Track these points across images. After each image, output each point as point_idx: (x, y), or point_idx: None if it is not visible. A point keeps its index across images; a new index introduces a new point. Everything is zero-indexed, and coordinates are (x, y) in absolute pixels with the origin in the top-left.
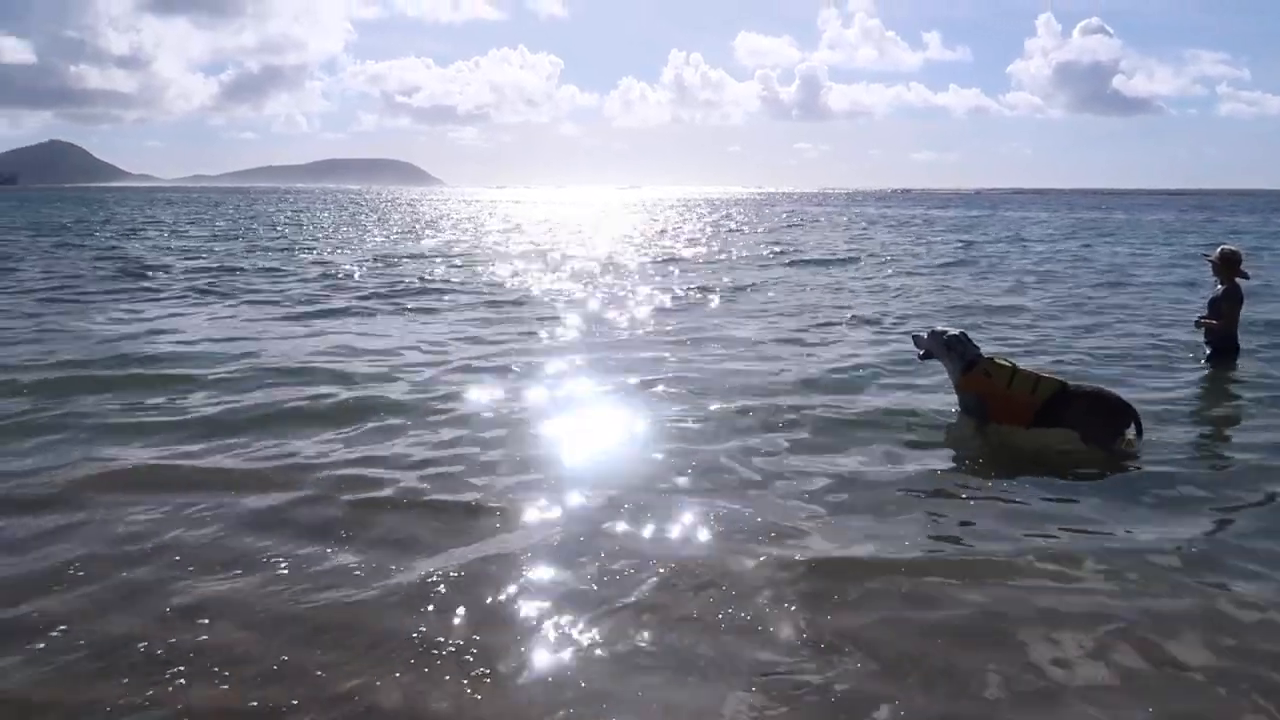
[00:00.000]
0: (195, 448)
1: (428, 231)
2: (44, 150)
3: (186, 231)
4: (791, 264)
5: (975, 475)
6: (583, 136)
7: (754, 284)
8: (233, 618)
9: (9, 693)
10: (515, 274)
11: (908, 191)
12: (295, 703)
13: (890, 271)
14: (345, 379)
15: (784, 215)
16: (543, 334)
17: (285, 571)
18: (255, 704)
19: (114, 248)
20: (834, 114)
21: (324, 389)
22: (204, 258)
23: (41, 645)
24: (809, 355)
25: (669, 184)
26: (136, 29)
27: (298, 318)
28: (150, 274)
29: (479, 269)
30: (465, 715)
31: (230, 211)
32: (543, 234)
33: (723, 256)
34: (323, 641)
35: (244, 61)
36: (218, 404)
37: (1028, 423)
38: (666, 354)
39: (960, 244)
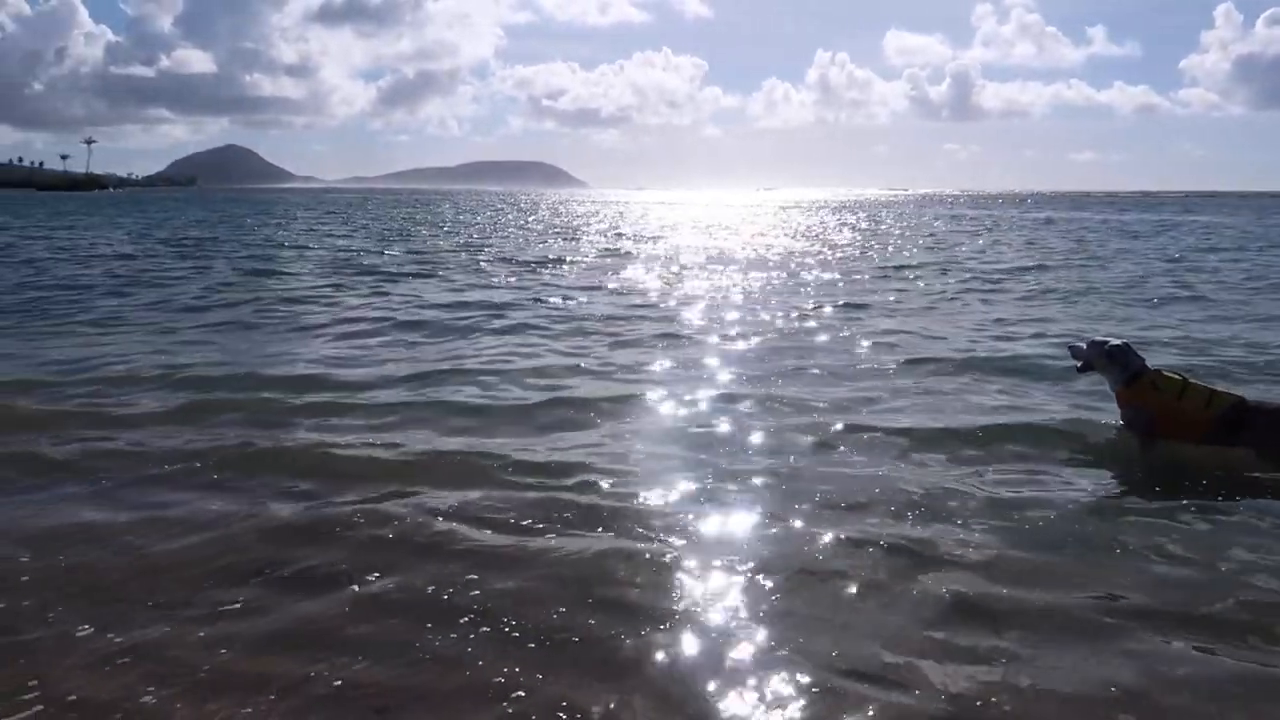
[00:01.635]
0: None
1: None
2: (220, 154)
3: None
4: (978, 276)
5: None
6: (724, 138)
7: (945, 292)
8: None
9: None
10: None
11: (1066, 194)
12: None
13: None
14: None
15: (943, 218)
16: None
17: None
18: None
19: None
20: (986, 113)
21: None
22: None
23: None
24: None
25: (811, 185)
26: (305, 39)
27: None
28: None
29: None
30: None
31: (468, 215)
32: (730, 237)
33: (911, 262)
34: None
35: (401, 68)
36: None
37: (1197, 439)
38: (889, 375)
39: (1167, 260)
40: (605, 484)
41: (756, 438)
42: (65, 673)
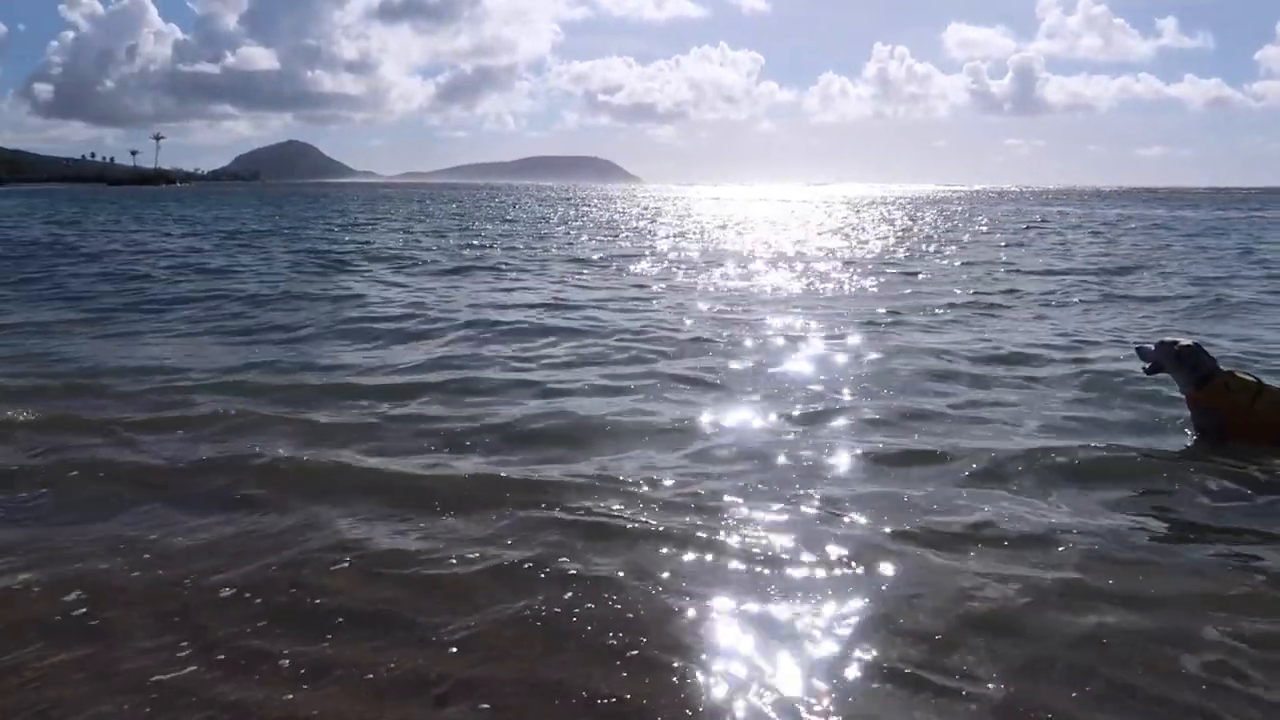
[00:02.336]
0: None
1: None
2: (282, 149)
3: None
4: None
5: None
6: (779, 133)
7: (1054, 293)
8: None
9: None
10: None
11: (1133, 190)
12: None
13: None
14: None
15: (1019, 217)
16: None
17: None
18: None
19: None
20: (1050, 107)
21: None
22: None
23: None
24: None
25: (864, 181)
26: (366, 36)
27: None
28: None
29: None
30: None
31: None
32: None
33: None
34: None
35: (459, 64)
36: None
37: (1270, 442)
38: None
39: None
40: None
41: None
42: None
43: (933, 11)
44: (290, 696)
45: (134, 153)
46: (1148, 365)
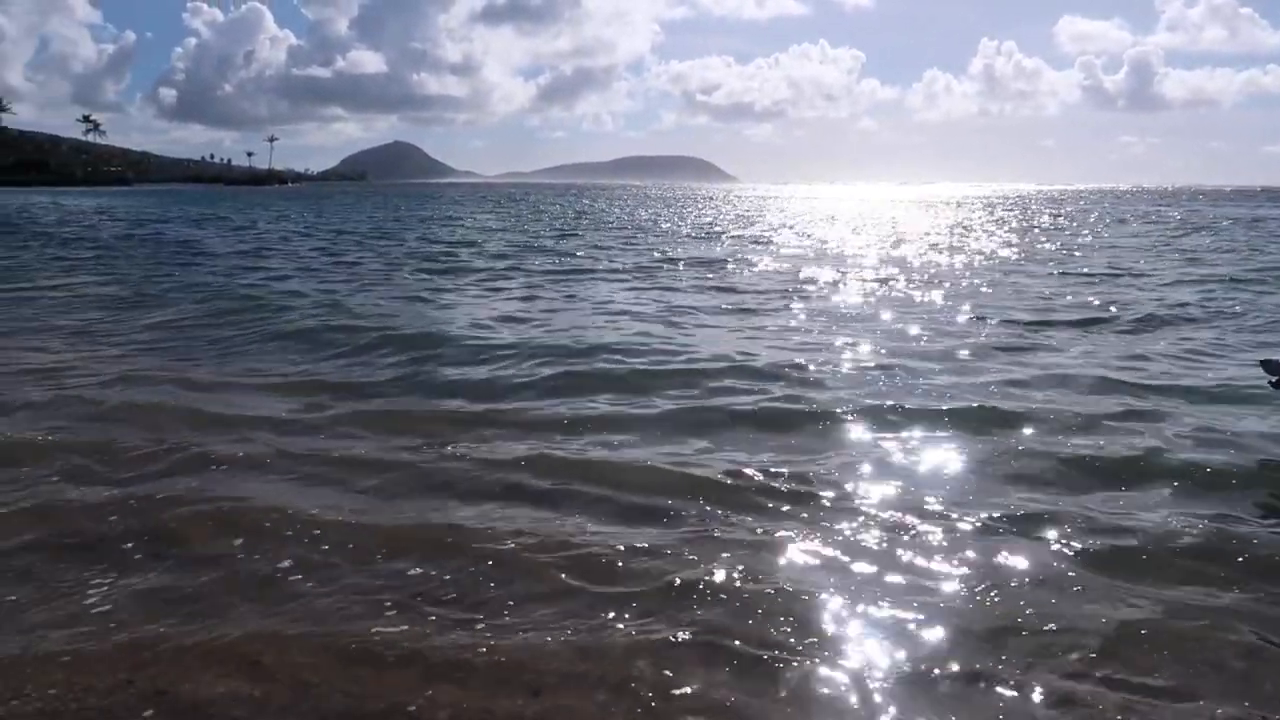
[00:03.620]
0: None
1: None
2: (388, 150)
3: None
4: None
5: None
6: (880, 131)
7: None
8: None
9: None
10: None
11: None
12: None
13: None
14: None
15: (1176, 219)
16: None
17: None
18: None
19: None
20: (1168, 103)
21: None
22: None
23: None
24: None
25: (965, 180)
26: (469, 39)
27: None
28: None
29: None
30: None
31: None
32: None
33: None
34: None
35: (559, 65)
36: None
37: None
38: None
39: None
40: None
41: None
42: None
43: (1044, 5)
44: None
45: (249, 154)
46: (1275, 379)
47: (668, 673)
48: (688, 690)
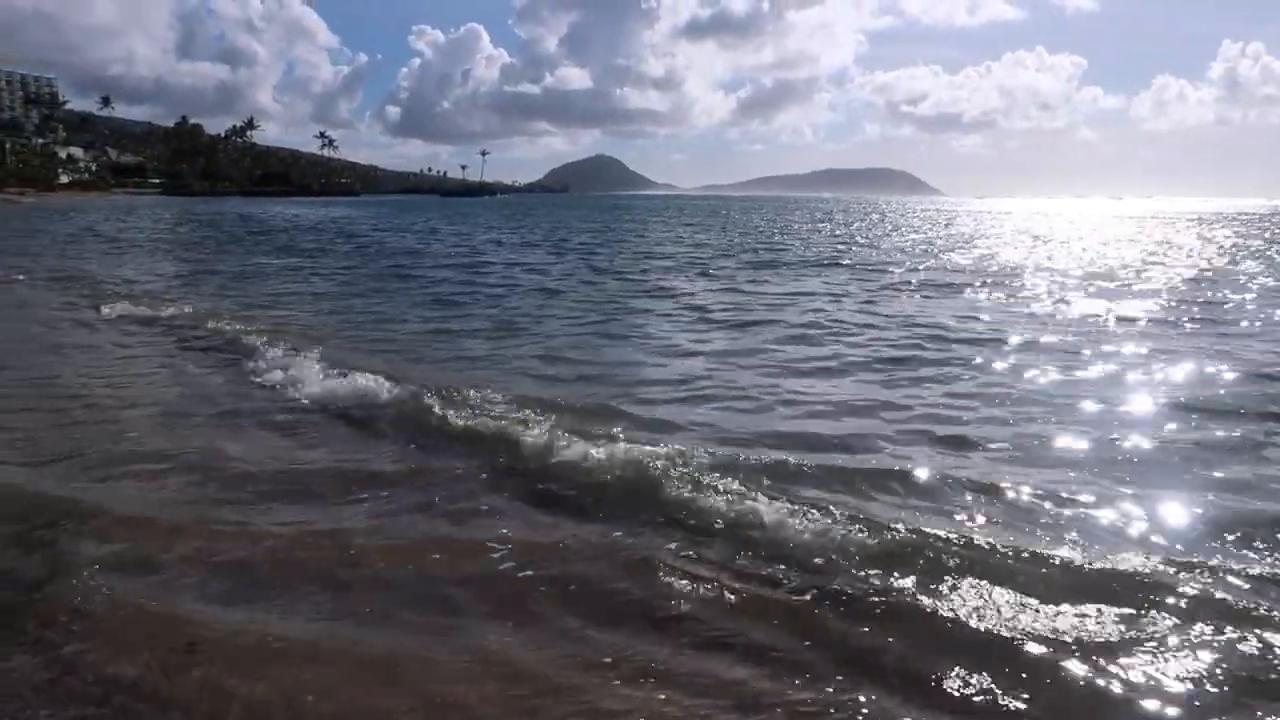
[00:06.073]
0: None
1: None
2: (591, 163)
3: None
4: None
5: None
6: (1100, 142)
7: None
8: None
9: None
10: None
11: None
12: None
13: None
14: None
15: None
16: None
17: None
18: None
19: None
20: None
21: None
22: None
23: None
24: None
25: (1198, 195)
26: (672, 54)
27: None
28: None
29: None
30: None
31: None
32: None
33: None
34: None
35: (760, 78)
36: None
37: None
38: None
39: None
40: None
41: None
42: None
43: None
44: None
45: (463, 166)
46: None
47: None
48: None
